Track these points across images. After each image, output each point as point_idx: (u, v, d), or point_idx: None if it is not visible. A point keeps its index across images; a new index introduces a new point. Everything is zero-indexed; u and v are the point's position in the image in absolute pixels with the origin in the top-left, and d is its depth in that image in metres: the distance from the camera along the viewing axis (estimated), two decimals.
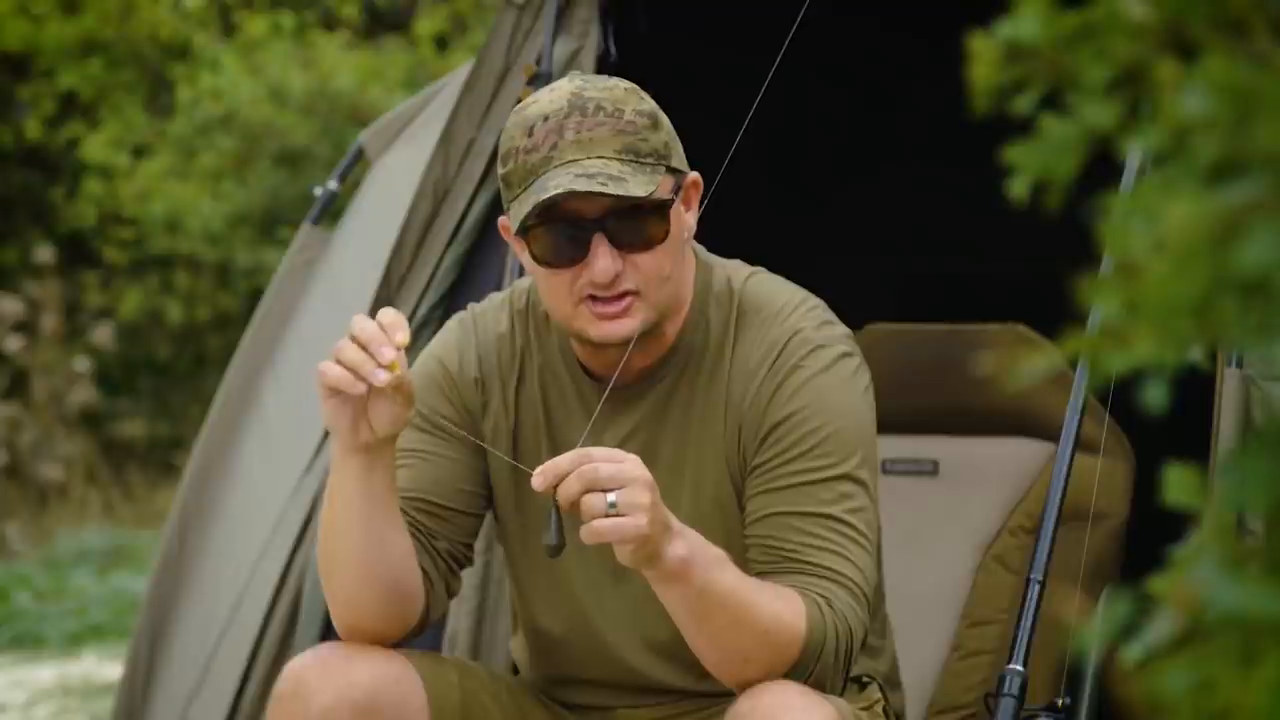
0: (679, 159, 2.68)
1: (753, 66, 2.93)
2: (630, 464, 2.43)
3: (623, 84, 2.68)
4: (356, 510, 2.61)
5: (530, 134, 2.62)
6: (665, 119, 2.68)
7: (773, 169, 5.04)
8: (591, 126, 2.61)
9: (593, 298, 2.63)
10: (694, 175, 2.71)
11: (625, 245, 2.63)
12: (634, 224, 2.63)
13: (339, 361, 2.52)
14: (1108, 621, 1.19)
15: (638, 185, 2.60)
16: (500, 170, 2.67)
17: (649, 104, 2.67)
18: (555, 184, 2.58)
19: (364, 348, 2.51)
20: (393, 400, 2.55)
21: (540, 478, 2.42)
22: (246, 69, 10.84)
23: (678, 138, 2.70)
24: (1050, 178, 1.21)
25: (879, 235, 5.18)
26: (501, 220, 2.71)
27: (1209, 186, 1.14)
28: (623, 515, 2.40)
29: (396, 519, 2.65)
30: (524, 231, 2.63)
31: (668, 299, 2.68)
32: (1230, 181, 1.14)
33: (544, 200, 2.58)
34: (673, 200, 2.65)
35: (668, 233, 2.64)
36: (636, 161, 2.62)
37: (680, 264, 2.69)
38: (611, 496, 2.40)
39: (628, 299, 2.64)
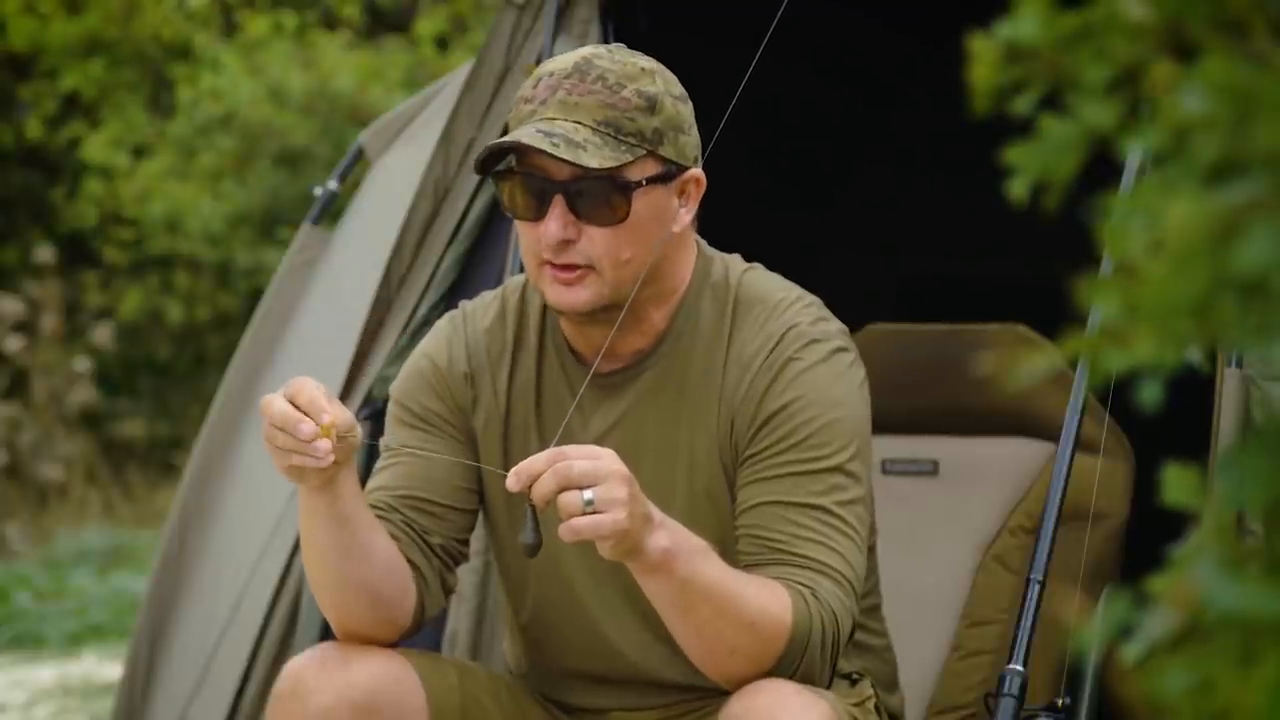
0: (675, 151, 2.66)
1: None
2: (606, 459, 2.41)
3: (644, 63, 2.67)
4: (330, 534, 2.61)
5: (536, 86, 2.65)
6: (673, 110, 2.66)
7: (773, 168, 5.03)
8: (583, 92, 2.62)
9: (549, 262, 2.64)
10: (695, 172, 2.70)
11: (583, 216, 2.63)
12: (595, 197, 2.62)
13: (283, 450, 2.49)
14: (1107, 621, 1.19)
15: (595, 157, 2.59)
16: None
17: (658, 89, 2.65)
18: (518, 135, 2.60)
19: (288, 432, 2.47)
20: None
21: (515, 478, 2.41)
22: (247, 69, 10.84)
23: (688, 132, 2.68)
24: (1050, 178, 1.21)
25: (879, 235, 5.18)
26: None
27: (1208, 186, 1.14)
28: (600, 512, 2.39)
29: (370, 527, 2.64)
30: (496, 176, 2.65)
31: (626, 281, 2.65)
32: (1230, 181, 1.14)
33: (492, 145, 2.61)
34: (639, 184, 2.63)
35: (628, 214, 2.63)
36: (613, 137, 2.61)
37: (646, 250, 2.65)
38: (588, 494, 2.38)
39: (578, 271, 2.64)
